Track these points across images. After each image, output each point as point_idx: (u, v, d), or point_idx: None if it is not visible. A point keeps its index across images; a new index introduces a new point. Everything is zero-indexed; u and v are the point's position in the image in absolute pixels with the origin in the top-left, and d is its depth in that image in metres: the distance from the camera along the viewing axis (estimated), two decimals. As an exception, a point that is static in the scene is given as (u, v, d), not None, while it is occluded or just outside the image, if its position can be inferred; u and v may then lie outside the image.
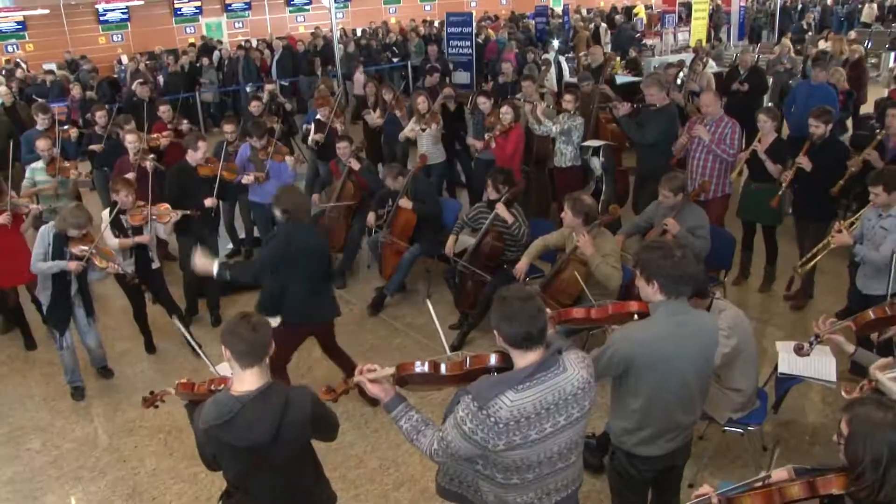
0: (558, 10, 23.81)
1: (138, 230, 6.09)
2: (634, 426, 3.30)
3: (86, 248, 5.58)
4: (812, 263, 5.51)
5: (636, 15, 23.90)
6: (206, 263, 4.88)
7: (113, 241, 5.99)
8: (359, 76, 14.30)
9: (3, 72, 18.13)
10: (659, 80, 7.52)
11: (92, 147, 8.61)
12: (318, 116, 8.78)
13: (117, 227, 6.03)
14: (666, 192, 5.60)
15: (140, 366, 6.45)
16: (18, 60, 19.25)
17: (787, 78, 11.90)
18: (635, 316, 3.34)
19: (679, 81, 10.86)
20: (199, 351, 3.88)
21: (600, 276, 5.18)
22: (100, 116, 8.74)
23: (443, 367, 2.93)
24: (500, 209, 6.14)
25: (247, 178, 6.90)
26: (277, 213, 5.06)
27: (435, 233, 7.00)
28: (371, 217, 7.16)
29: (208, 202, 6.57)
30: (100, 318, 6.30)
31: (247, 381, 2.88)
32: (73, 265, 5.58)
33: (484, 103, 8.30)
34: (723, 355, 4.01)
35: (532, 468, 2.75)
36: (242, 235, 8.65)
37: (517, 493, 2.82)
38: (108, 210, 6.15)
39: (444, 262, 7.26)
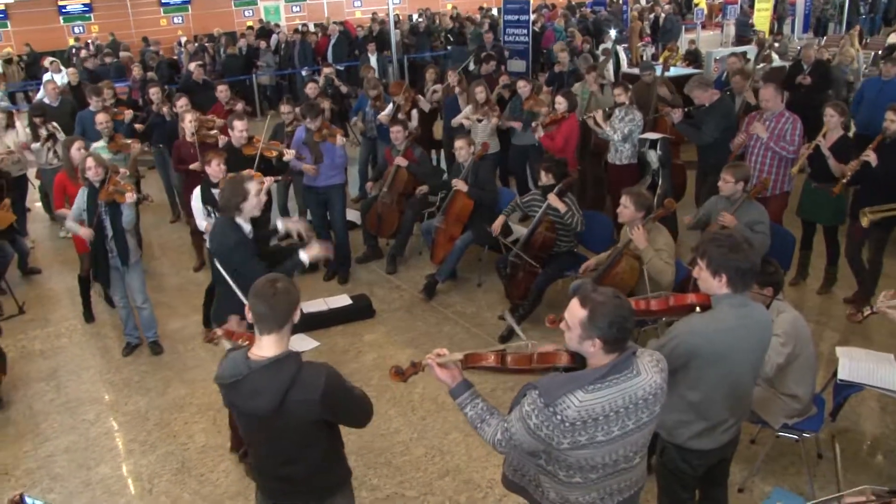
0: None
1: None
2: (690, 419, 3.26)
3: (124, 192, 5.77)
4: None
5: (696, 5, 23.39)
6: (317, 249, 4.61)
7: (202, 223, 6.08)
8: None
9: (71, 51, 18.59)
10: (701, 81, 7.34)
11: (137, 125, 8.79)
12: (394, 101, 8.76)
13: (209, 201, 6.02)
14: (728, 177, 5.43)
15: (192, 343, 6.56)
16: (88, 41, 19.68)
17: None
18: (697, 308, 3.26)
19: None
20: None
21: (653, 271, 5.10)
22: (153, 93, 8.95)
23: (509, 360, 2.90)
24: (553, 199, 6.09)
25: (289, 154, 6.89)
26: None
27: (489, 221, 6.95)
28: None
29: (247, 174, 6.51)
30: (154, 296, 6.42)
31: (264, 346, 2.84)
32: (84, 231, 5.88)
33: (523, 87, 8.25)
34: (776, 365, 3.94)
35: (596, 469, 2.70)
36: (295, 217, 8.68)
37: (579, 493, 2.77)
38: (198, 188, 6.18)
39: (495, 251, 7.24)
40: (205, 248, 6.75)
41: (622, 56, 14.41)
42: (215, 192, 6.06)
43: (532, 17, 14.40)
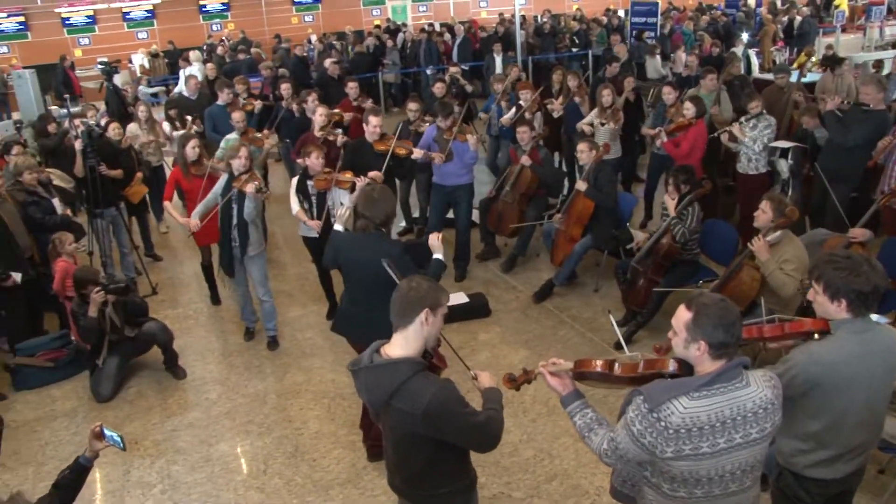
0: (751, 1, 22.52)
1: (322, 196, 6.29)
2: (810, 447, 3.07)
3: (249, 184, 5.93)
4: None
5: (837, 7, 22.17)
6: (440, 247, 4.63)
7: (294, 208, 6.28)
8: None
9: (205, 47, 19.50)
10: (879, 80, 6.86)
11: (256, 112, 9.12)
12: (520, 101, 8.75)
13: (302, 191, 6.28)
14: None
15: (309, 332, 6.74)
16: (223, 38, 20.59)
17: None
18: (815, 335, 3.06)
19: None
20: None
21: (774, 284, 4.87)
22: (284, 89, 9.27)
23: (616, 367, 2.86)
24: (668, 202, 5.96)
25: (417, 153, 6.95)
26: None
27: (609, 226, 6.83)
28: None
29: (372, 174, 6.53)
30: (275, 286, 6.62)
31: (393, 344, 2.84)
32: (184, 221, 6.28)
33: (668, 94, 7.98)
34: None
35: (701, 484, 2.60)
36: (416, 214, 8.83)
37: None
38: (296, 177, 6.40)
39: (614, 256, 7.10)
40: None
41: (753, 61, 13.82)
42: (310, 184, 6.25)
43: (660, 19, 14.10)
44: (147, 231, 8.64)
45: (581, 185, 6.82)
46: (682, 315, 2.59)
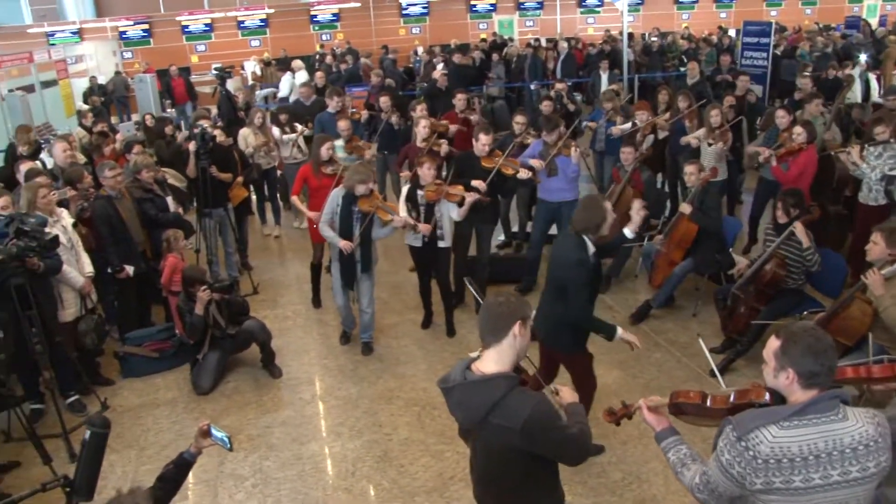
0: (874, 21, 21.55)
1: (430, 207, 6.34)
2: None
3: (370, 207, 6.00)
4: None
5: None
6: None
7: (403, 215, 6.33)
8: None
9: (316, 56, 20.04)
10: None
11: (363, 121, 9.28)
12: (636, 120, 8.67)
13: (410, 200, 6.37)
14: None
15: (405, 339, 6.81)
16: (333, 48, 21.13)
17: None
18: None
19: None
20: None
21: (888, 321, 4.61)
22: (383, 102, 9.38)
23: (708, 400, 2.85)
24: (799, 230, 5.69)
25: (523, 173, 6.91)
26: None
27: (712, 250, 6.65)
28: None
29: (475, 182, 6.57)
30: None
31: (485, 360, 2.81)
32: (343, 244, 6.05)
33: (782, 117, 7.71)
34: None
35: None
36: (515, 229, 8.82)
37: None
38: (406, 186, 6.48)
39: (715, 281, 6.90)
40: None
41: (873, 84, 13.16)
42: (420, 193, 6.29)
43: (774, 39, 13.64)
44: (246, 234, 8.80)
45: (686, 208, 6.67)
46: (772, 344, 2.54)
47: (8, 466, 5.11)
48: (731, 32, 20.40)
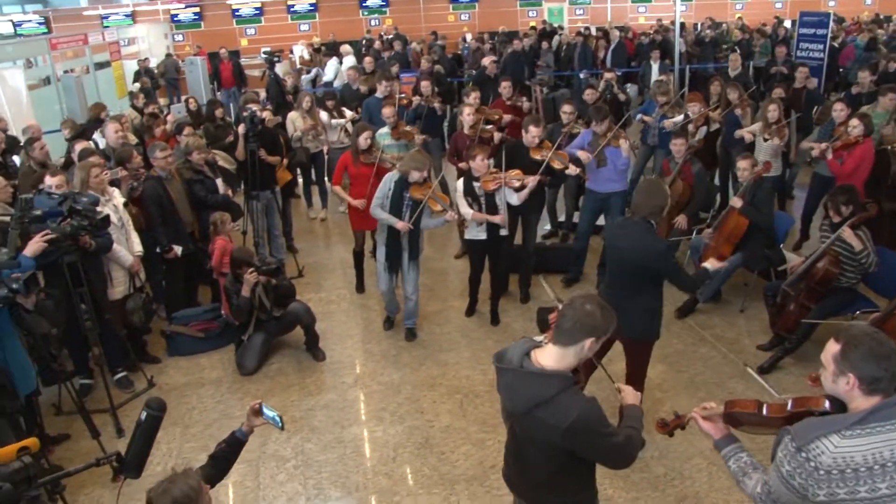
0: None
1: (490, 197, 6.27)
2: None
3: (423, 194, 5.97)
4: None
5: None
6: None
7: (467, 211, 6.27)
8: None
9: (364, 41, 20.07)
10: None
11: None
12: (688, 112, 8.54)
13: (469, 194, 6.27)
14: None
15: (448, 327, 6.79)
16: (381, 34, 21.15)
17: None
18: None
19: None
20: None
21: None
22: (424, 87, 9.39)
23: (764, 409, 2.74)
24: (847, 234, 5.53)
25: (571, 170, 6.80)
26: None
27: (762, 245, 6.50)
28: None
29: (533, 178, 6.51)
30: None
31: (546, 353, 2.77)
32: (401, 225, 6.01)
33: (840, 111, 7.50)
34: None
35: None
36: (562, 218, 8.75)
37: None
38: (461, 179, 6.44)
39: (764, 277, 6.76)
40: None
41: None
42: (476, 185, 6.23)
43: (831, 30, 13.25)
44: (290, 217, 8.83)
45: (737, 202, 6.53)
46: (831, 348, 2.45)
47: (59, 438, 5.23)
48: (787, 23, 19.92)
